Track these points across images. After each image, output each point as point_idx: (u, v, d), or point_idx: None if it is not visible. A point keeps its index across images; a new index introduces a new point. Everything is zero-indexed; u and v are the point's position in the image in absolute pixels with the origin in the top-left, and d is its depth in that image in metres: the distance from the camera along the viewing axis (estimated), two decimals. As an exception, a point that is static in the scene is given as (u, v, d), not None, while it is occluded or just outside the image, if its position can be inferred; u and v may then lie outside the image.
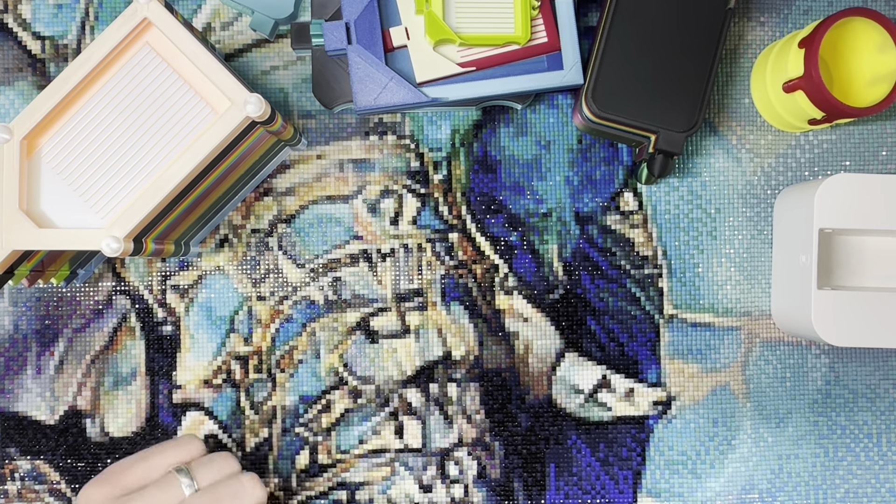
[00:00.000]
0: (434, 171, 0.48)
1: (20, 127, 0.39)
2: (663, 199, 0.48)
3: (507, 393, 0.48)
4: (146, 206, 0.38)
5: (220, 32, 0.48)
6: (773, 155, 0.48)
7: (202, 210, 0.45)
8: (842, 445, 0.48)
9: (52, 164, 0.39)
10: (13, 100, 0.48)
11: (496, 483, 0.47)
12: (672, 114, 0.43)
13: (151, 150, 0.39)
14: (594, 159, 0.48)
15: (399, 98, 0.42)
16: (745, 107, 0.48)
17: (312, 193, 0.48)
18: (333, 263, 0.48)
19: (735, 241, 0.48)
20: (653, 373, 0.48)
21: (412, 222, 0.48)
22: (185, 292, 0.47)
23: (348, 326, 0.48)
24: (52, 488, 0.47)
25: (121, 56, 0.39)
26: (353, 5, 0.42)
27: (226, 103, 0.39)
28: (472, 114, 0.48)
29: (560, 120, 0.48)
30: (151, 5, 0.39)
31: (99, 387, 0.47)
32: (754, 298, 0.48)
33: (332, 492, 0.47)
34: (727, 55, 0.48)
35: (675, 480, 0.48)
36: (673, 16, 0.43)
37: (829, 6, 0.48)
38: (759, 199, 0.48)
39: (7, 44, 0.48)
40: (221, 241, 0.48)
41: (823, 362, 0.48)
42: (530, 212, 0.48)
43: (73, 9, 0.47)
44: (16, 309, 0.48)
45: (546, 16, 0.43)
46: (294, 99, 0.48)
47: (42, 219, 0.39)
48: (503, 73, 0.44)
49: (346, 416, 0.48)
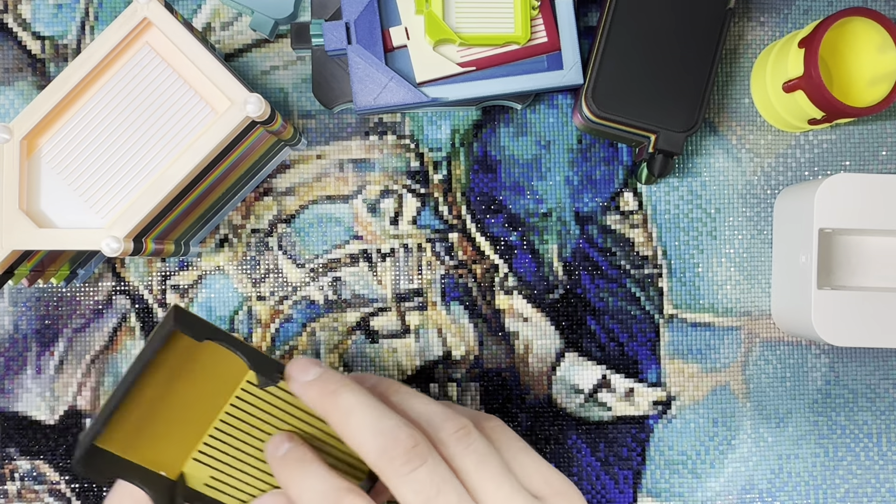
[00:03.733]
0: (434, 170, 0.48)
1: (20, 127, 0.39)
2: (663, 199, 0.48)
3: (507, 393, 0.48)
4: (146, 206, 0.38)
5: (220, 32, 0.48)
6: (773, 155, 0.48)
7: (202, 210, 0.45)
8: (842, 445, 0.48)
9: (51, 164, 0.39)
10: (13, 100, 0.48)
11: (496, 483, 0.47)
12: (672, 114, 0.43)
13: (151, 150, 0.39)
14: (594, 159, 0.48)
15: (399, 98, 0.42)
16: (745, 107, 0.48)
17: (312, 193, 0.48)
18: (333, 263, 0.48)
19: (735, 241, 0.48)
20: (653, 373, 0.48)
21: (412, 222, 0.48)
22: (185, 292, 0.47)
23: (348, 326, 0.48)
24: (52, 488, 0.47)
25: (121, 56, 0.39)
26: (353, 5, 0.42)
27: (226, 103, 0.39)
28: (472, 114, 0.48)
29: (560, 120, 0.48)
30: (151, 5, 0.39)
31: (99, 387, 0.47)
32: (754, 298, 0.48)
33: (332, 492, 0.47)
34: (727, 55, 0.48)
35: (675, 480, 0.48)
36: (673, 16, 0.43)
37: (829, 6, 0.48)
38: (759, 199, 0.48)
39: (7, 44, 0.48)
40: (221, 241, 0.48)
41: (823, 362, 0.48)
42: (530, 212, 0.48)
43: (73, 9, 0.47)
44: (16, 309, 0.48)
45: (546, 16, 0.43)
46: (294, 99, 0.48)
47: (42, 219, 0.39)
48: (503, 73, 0.44)
49: (346, 416, 0.47)
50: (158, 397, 0.32)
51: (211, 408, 0.34)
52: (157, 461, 0.33)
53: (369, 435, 0.30)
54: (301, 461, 0.32)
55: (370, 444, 0.30)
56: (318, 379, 0.33)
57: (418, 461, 0.30)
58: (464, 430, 0.32)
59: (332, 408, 0.32)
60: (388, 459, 0.30)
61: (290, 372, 0.33)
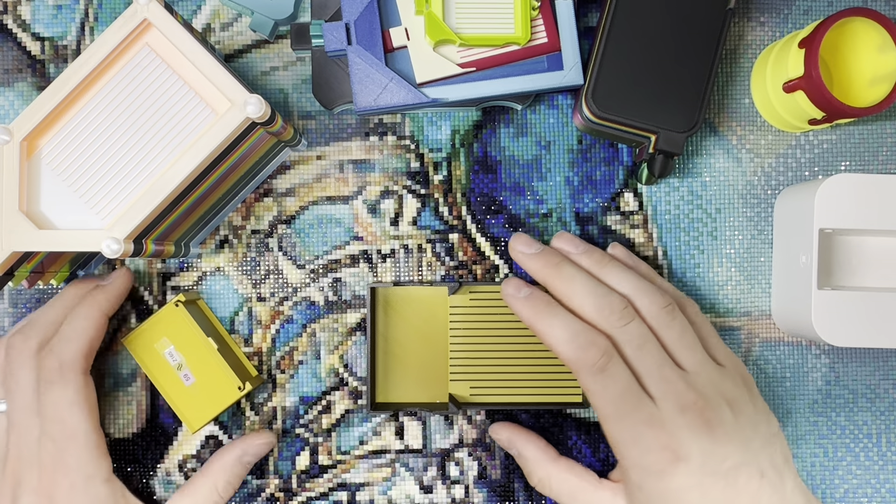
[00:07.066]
0: (434, 171, 0.48)
1: (20, 128, 0.39)
2: (663, 199, 0.48)
3: (508, 393, 0.48)
4: (146, 208, 0.38)
5: (219, 33, 0.47)
6: (773, 155, 0.48)
7: (202, 211, 0.45)
8: (841, 445, 0.48)
9: (51, 165, 0.39)
10: (13, 101, 0.47)
11: (497, 484, 0.47)
12: (672, 114, 0.43)
13: (151, 152, 0.39)
14: (594, 160, 0.48)
15: (399, 98, 0.42)
16: (745, 107, 0.48)
17: (312, 194, 0.48)
18: (333, 264, 0.48)
19: (735, 241, 0.48)
20: (653, 373, 0.48)
21: (412, 223, 0.48)
22: (186, 293, 0.47)
23: (348, 327, 0.48)
24: (53, 489, 0.47)
25: (120, 57, 0.39)
26: (353, 6, 0.42)
27: (226, 104, 0.39)
28: (472, 114, 0.48)
29: (560, 120, 0.48)
30: (151, 6, 0.39)
31: (99, 387, 0.47)
32: (754, 298, 0.48)
33: (332, 493, 0.47)
34: (727, 55, 0.48)
35: (675, 480, 0.48)
36: (673, 16, 0.43)
37: (829, 6, 0.48)
38: (759, 199, 0.48)
39: (6, 45, 0.47)
40: (221, 241, 0.48)
41: (823, 362, 0.48)
42: (530, 212, 0.48)
43: (73, 10, 0.47)
44: (16, 310, 0.47)
45: (546, 16, 0.43)
46: (294, 99, 0.48)
47: (42, 220, 0.39)
48: (503, 73, 0.44)
49: (347, 416, 0.48)
50: (392, 353, 0.46)
51: (439, 339, 0.46)
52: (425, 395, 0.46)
53: (589, 297, 0.39)
54: (549, 303, 0.40)
55: (589, 305, 0.39)
56: (542, 252, 0.42)
57: (629, 317, 0.39)
58: (670, 306, 0.40)
59: (556, 275, 0.41)
60: (605, 316, 0.39)
61: (514, 245, 0.44)
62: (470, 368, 0.45)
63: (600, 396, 0.38)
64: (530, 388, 0.45)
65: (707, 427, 0.37)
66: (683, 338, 0.40)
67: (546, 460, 0.44)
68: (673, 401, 0.38)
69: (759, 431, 0.39)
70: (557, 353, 0.39)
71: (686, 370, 0.39)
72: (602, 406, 0.38)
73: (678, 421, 0.37)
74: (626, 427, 0.38)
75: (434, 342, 0.46)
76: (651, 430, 0.37)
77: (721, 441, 0.37)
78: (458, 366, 0.45)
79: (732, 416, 0.38)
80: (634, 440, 0.37)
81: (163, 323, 0.45)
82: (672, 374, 0.38)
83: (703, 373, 0.39)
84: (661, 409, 0.38)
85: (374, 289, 0.45)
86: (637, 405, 0.37)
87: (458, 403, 0.44)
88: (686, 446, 0.37)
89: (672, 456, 0.37)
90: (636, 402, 0.38)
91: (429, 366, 0.46)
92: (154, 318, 0.45)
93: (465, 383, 0.45)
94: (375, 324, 0.45)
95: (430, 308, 0.46)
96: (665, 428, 0.37)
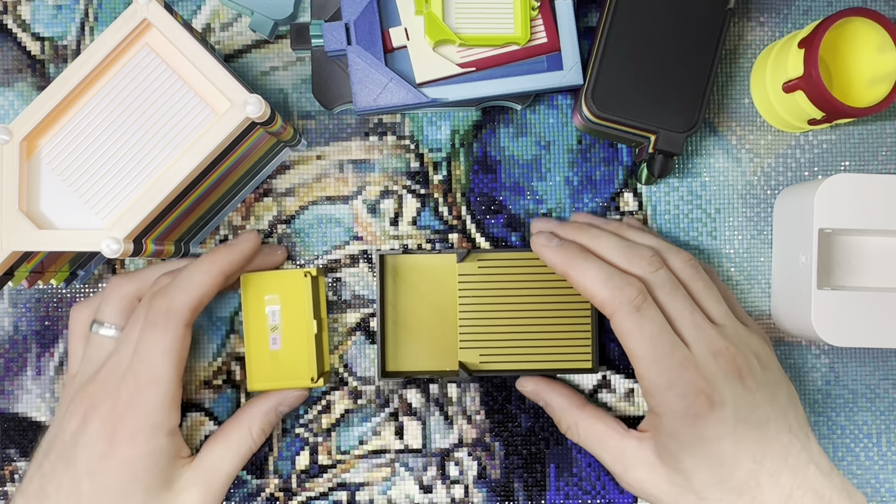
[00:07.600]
0: (434, 171, 0.48)
1: (20, 128, 0.39)
2: (663, 199, 0.48)
3: (507, 393, 0.48)
4: (146, 207, 0.38)
5: (219, 33, 0.47)
6: (773, 155, 0.48)
7: (202, 211, 0.45)
8: (841, 445, 0.48)
9: (51, 165, 0.39)
10: (13, 101, 0.48)
11: (496, 483, 0.47)
12: (672, 114, 0.43)
13: (151, 151, 0.39)
14: (594, 159, 0.48)
15: (399, 99, 0.42)
16: (745, 107, 0.48)
17: (312, 194, 0.48)
18: (333, 264, 0.48)
19: (735, 241, 0.48)
20: (653, 373, 0.48)
21: (412, 223, 0.48)
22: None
23: (348, 327, 0.48)
24: (53, 489, 0.47)
25: (120, 57, 0.39)
26: (353, 6, 0.42)
27: (226, 104, 0.39)
28: (472, 114, 0.48)
29: (560, 120, 0.48)
30: (151, 6, 0.39)
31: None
32: (754, 298, 0.48)
33: (332, 492, 0.47)
34: (727, 55, 0.48)
35: (675, 480, 0.48)
36: (673, 16, 0.43)
37: (829, 6, 0.48)
38: (759, 199, 0.48)
39: (6, 45, 0.48)
40: (221, 241, 0.48)
41: (823, 362, 0.48)
42: (530, 212, 0.48)
43: (73, 10, 0.47)
44: (15, 310, 0.48)
45: (546, 16, 0.43)
46: (294, 99, 0.48)
47: (42, 220, 0.39)
48: (503, 73, 0.44)
49: (347, 416, 0.48)
50: (402, 322, 0.46)
51: (449, 307, 0.46)
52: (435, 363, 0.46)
53: (616, 248, 0.41)
54: (581, 250, 0.41)
55: (619, 255, 0.41)
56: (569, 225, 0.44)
57: (658, 264, 0.40)
58: (694, 260, 0.42)
59: (583, 234, 0.42)
60: (635, 263, 0.40)
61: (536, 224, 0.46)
62: (479, 336, 0.45)
63: (636, 336, 0.38)
64: (540, 355, 0.45)
65: (739, 375, 0.38)
66: (709, 291, 0.41)
67: (573, 407, 0.44)
68: (706, 346, 0.38)
69: (782, 389, 0.40)
70: (592, 296, 0.39)
71: (714, 321, 0.40)
72: (637, 346, 0.38)
73: (712, 366, 0.38)
74: (662, 369, 0.38)
75: (443, 310, 0.46)
76: (687, 373, 0.37)
77: (752, 390, 0.38)
78: (467, 333, 0.45)
79: (760, 369, 0.39)
80: (670, 383, 0.37)
81: (285, 281, 0.44)
82: (703, 322, 0.39)
83: (729, 325, 0.40)
84: (694, 353, 0.38)
85: (384, 256, 0.45)
86: (672, 347, 0.38)
87: (469, 371, 0.45)
88: (720, 391, 0.37)
89: (707, 401, 0.37)
90: (671, 344, 0.38)
91: (438, 334, 0.46)
92: (280, 273, 0.44)
93: (474, 351, 0.45)
94: (385, 292, 0.46)
95: (439, 276, 0.46)
96: (700, 372, 0.37)
